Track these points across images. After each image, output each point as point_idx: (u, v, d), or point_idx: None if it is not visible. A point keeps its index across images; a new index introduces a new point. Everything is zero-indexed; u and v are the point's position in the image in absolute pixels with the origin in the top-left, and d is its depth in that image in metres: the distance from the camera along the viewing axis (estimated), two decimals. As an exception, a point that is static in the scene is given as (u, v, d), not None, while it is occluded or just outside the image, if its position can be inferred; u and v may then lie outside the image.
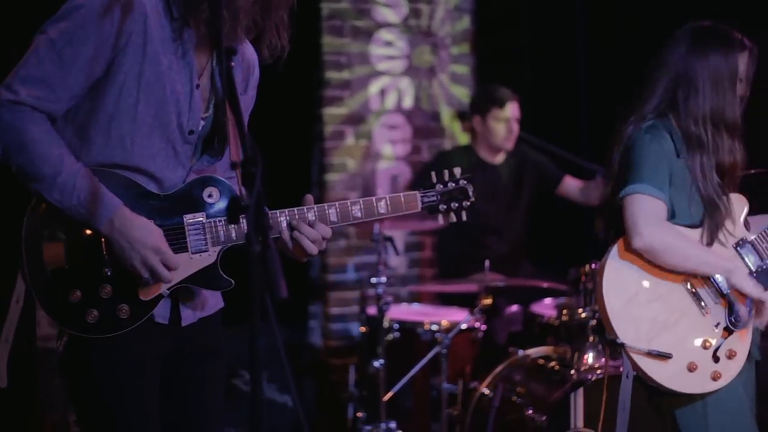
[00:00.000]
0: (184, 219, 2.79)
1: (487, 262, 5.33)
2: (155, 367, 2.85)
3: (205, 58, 2.85)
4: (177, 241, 2.77)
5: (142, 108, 2.73)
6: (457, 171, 3.03)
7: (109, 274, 2.73)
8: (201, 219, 2.80)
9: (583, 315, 4.99)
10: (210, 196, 2.81)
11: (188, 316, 2.88)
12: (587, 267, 5.11)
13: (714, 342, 3.49)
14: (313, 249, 2.85)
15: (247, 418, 2.27)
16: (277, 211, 2.85)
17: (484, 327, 5.45)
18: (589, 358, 4.89)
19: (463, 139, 6.82)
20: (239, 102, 2.42)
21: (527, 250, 6.30)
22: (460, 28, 6.96)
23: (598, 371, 4.74)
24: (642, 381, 3.51)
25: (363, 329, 5.56)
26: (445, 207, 3.04)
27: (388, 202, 2.97)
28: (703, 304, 3.51)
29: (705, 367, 3.46)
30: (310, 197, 2.90)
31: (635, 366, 3.46)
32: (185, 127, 2.79)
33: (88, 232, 2.71)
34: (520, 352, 5.16)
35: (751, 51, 3.61)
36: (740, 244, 3.59)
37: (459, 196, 3.04)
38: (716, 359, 3.48)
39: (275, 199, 3.02)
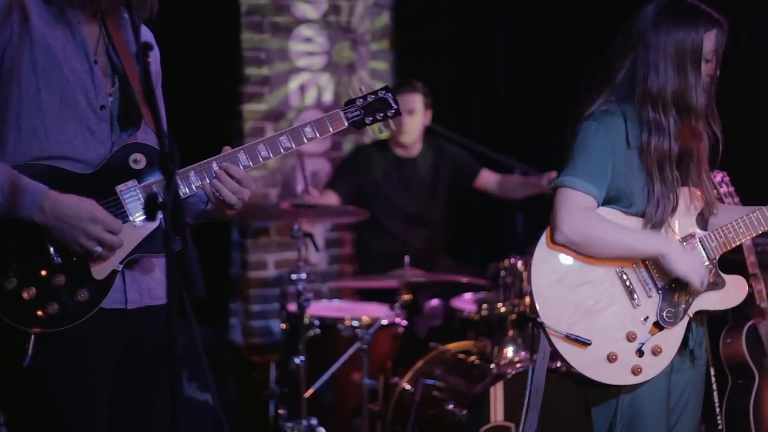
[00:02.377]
0: (117, 189, 2.75)
1: (406, 258, 5.35)
2: (108, 370, 2.80)
3: (96, 34, 2.82)
4: (117, 212, 2.73)
5: (45, 94, 2.70)
6: (373, 84, 3.06)
7: (58, 262, 2.68)
8: (133, 185, 2.76)
9: (503, 309, 5.05)
10: (135, 161, 2.77)
11: (134, 299, 2.82)
12: (507, 261, 5.17)
13: (640, 335, 3.35)
14: (233, 199, 2.83)
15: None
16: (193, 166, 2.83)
17: (404, 322, 5.47)
18: (509, 352, 4.95)
19: (383, 135, 6.83)
20: (156, 97, 2.39)
21: (447, 244, 6.33)
22: (380, 25, 6.97)
23: (518, 365, 4.79)
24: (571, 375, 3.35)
25: (284, 326, 5.54)
26: (371, 119, 3.03)
27: (314, 125, 2.95)
28: (634, 295, 3.36)
29: (626, 359, 3.33)
30: (227, 147, 2.88)
31: (553, 349, 3.34)
32: (95, 104, 2.76)
33: (25, 226, 2.65)
34: (441, 347, 5.19)
35: (723, 27, 3.35)
36: (686, 239, 3.43)
37: (382, 106, 3.04)
38: (640, 354, 3.34)
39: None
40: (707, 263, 3.42)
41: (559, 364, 4.61)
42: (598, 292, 3.36)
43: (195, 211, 2.96)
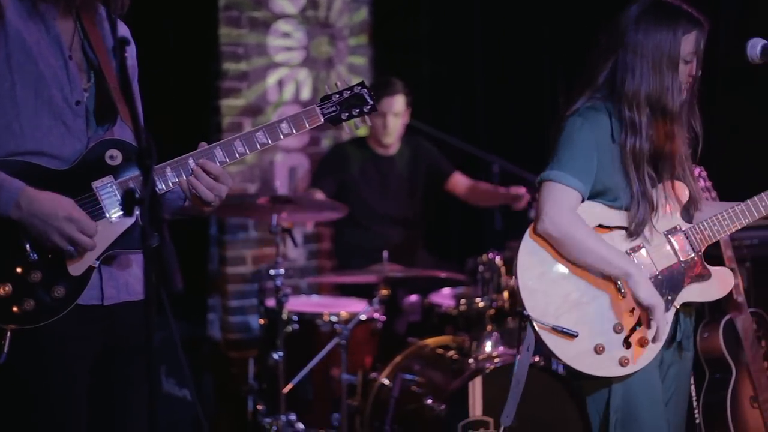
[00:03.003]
0: (93, 185, 2.74)
1: (385, 253, 5.35)
2: (85, 367, 2.79)
3: (71, 29, 2.81)
4: (93, 209, 2.72)
5: (20, 89, 2.69)
6: (350, 80, 3.11)
7: (34, 258, 2.67)
8: (110, 181, 2.75)
9: (481, 304, 5.06)
10: (112, 157, 2.77)
11: (112, 295, 2.82)
12: (485, 256, 5.18)
13: (627, 327, 3.37)
14: (209, 195, 2.84)
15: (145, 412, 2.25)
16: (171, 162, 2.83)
17: (383, 318, 5.47)
18: (488, 346, 4.95)
19: (361, 130, 6.83)
20: (132, 92, 2.39)
21: (425, 240, 6.33)
22: (358, 19, 6.97)
23: (496, 360, 4.80)
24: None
25: (262, 321, 5.54)
26: (347, 115, 3.03)
27: (290, 121, 2.96)
28: (620, 287, 3.38)
29: (613, 351, 3.36)
30: (203, 143, 2.89)
31: (540, 341, 3.35)
32: (70, 99, 2.76)
33: (1, 222, 2.64)
34: (419, 342, 5.19)
35: (703, 27, 3.38)
36: (671, 232, 3.47)
37: (357, 102, 3.04)
38: (627, 345, 3.37)
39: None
40: (693, 255, 3.46)
41: (537, 358, 4.63)
42: (584, 285, 3.38)
43: (172, 208, 2.96)
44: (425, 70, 6.95)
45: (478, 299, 5.10)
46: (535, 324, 3.34)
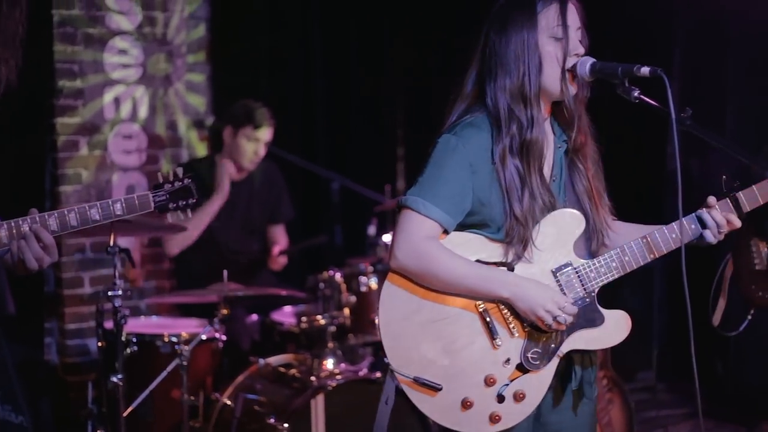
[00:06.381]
0: None
1: (225, 272, 5.31)
2: None
3: None
4: None
5: None
6: (180, 170, 3.19)
7: None
8: None
9: (322, 322, 5.09)
10: None
11: None
12: (325, 274, 5.21)
13: (500, 379, 3.01)
14: (33, 264, 2.81)
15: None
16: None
17: (224, 337, 5.43)
18: (329, 364, 4.98)
19: (201, 149, 6.78)
20: None
21: (265, 259, 6.32)
22: (196, 36, 6.92)
23: (338, 377, 4.82)
24: None
25: (101, 344, 5.42)
26: (174, 205, 3.15)
27: (124, 204, 3.04)
28: (495, 334, 3.01)
29: (483, 406, 3.01)
30: (34, 210, 2.86)
31: (403, 393, 3.02)
32: None
33: None
34: (261, 361, 5.17)
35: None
36: (560, 269, 3.07)
37: (185, 194, 3.17)
38: (500, 399, 3.01)
39: (6, 212, 2.94)
40: (584, 295, 3.08)
41: (378, 374, 4.68)
42: (454, 330, 3.02)
43: None
44: (264, 88, 6.95)
45: (319, 317, 5.13)
46: (395, 374, 3.00)
